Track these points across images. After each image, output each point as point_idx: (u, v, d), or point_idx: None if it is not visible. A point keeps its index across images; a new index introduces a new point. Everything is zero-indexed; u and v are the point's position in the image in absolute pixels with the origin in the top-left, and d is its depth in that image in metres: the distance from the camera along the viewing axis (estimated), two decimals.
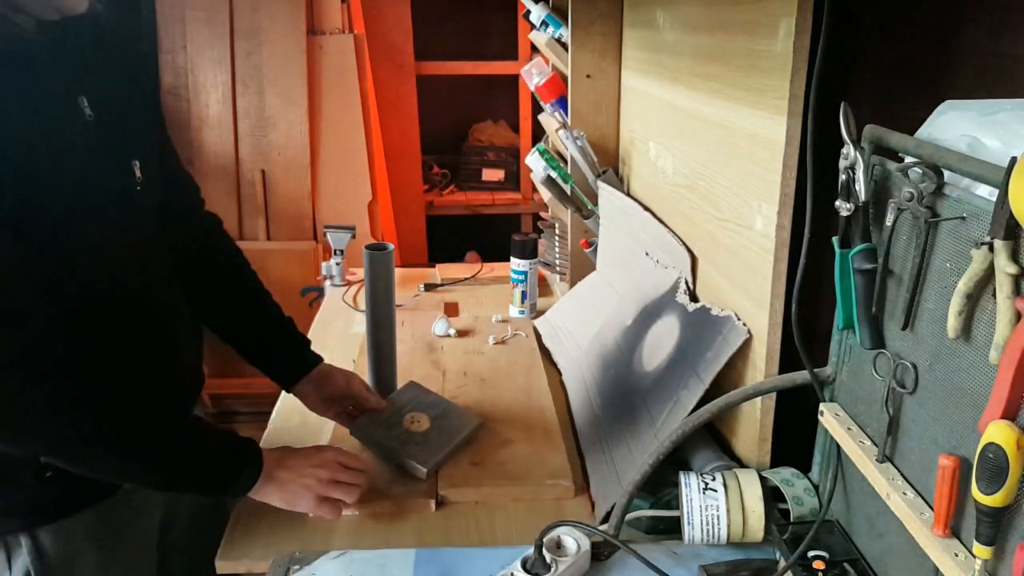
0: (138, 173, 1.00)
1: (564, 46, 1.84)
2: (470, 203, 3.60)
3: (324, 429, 1.35)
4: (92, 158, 0.92)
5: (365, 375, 1.42)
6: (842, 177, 0.82)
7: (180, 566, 1.20)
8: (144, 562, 1.11)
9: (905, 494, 0.77)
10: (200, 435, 1.00)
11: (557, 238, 1.99)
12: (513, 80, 3.48)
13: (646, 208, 1.51)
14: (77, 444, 0.90)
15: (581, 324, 1.65)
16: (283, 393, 1.48)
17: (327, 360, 1.31)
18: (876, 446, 0.83)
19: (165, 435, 0.96)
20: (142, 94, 1.06)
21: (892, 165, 0.78)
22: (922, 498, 0.76)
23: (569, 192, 1.79)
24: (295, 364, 1.25)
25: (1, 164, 0.81)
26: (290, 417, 1.41)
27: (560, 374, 1.58)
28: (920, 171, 0.72)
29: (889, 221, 0.77)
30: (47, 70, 0.88)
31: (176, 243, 1.12)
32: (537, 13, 1.94)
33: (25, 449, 0.91)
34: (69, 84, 0.91)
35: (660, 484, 1.08)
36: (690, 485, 1.01)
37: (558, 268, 1.99)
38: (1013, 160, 0.59)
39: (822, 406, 0.94)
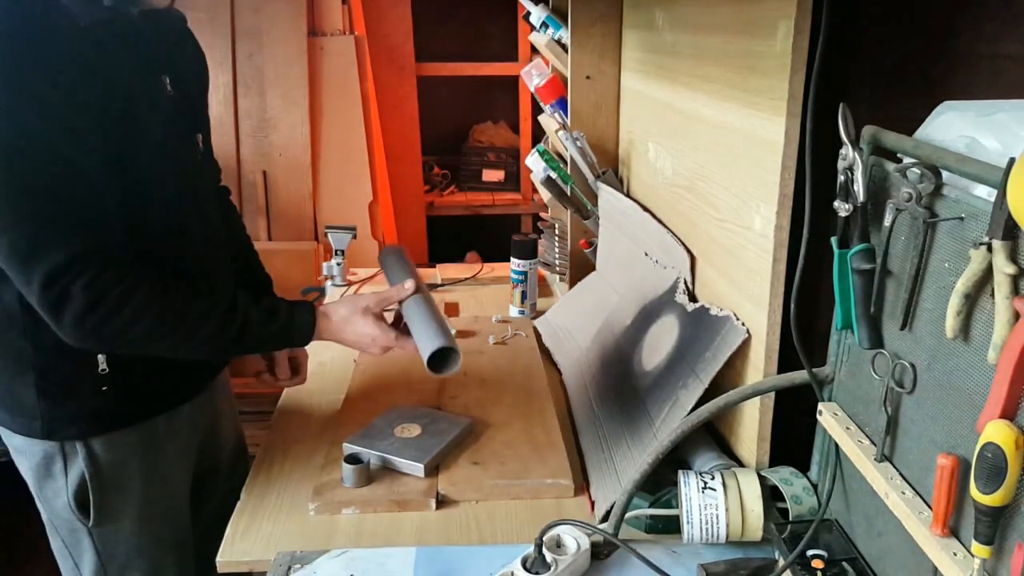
0: (200, 145, 1.19)
1: (564, 47, 1.85)
2: (470, 203, 3.60)
3: (324, 429, 1.36)
4: (170, 126, 1.09)
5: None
6: (841, 177, 0.82)
7: (212, 496, 1.32)
8: (181, 479, 1.24)
9: (904, 493, 0.77)
10: (253, 311, 1.10)
11: (557, 238, 1.99)
12: (513, 81, 3.48)
13: (645, 209, 1.51)
14: (164, 325, 1.03)
15: (581, 324, 1.65)
16: (283, 393, 1.49)
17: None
18: (875, 445, 0.84)
19: (232, 305, 1.09)
20: (200, 81, 1.24)
21: (891, 166, 0.79)
22: (921, 497, 0.76)
23: (569, 193, 1.79)
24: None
25: (110, 112, 0.99)
26: (291, 416, 1.41)
27: (560, 374, 1.58)
28: (919, 171, 0.72)
29: (888, 221, 0.78)
30: (142, 49, 1.06)
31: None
32: (537, 14, 1.94)
33: (125, 341, 1.03)
34: (157, 63, 1.09)
35: (659, 483, 1.08)
36: (689, 484, 1.01)
37: (558, 268, 1.99)
38: (1011, 161, 0.59)
39: (821, 406, 0.94)
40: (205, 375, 1.26)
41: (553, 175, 1.76)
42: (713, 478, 1.02)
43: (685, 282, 1.30)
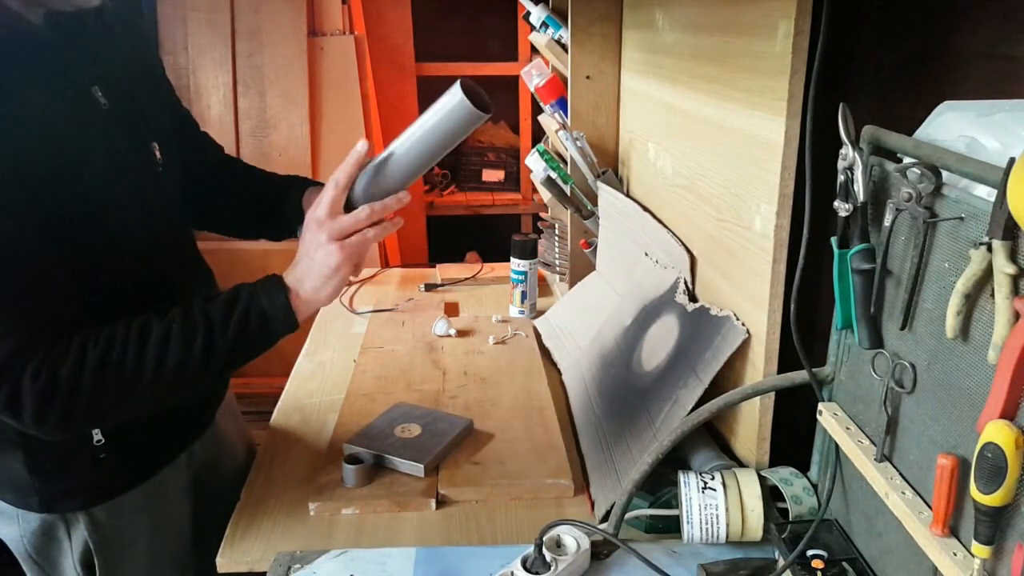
0: (158, 155, 1.02)
1: (564, 47, 1.85)
2: (470, 203, 3.60)
3: (324, 429, 1.36)
4: (114, 146, 0.94)
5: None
6: (841, 178, 0.82)
7: (210, 519, 1.21)
8: (183, 518, 1.18)
9: (904, 493, 0.77)
10: (237, 321, 0.95)
11: (557, 238, 1.99)
12: (513, 81, 3.48)
13: (645, 208, 1.51)
14: (128, 382, 0.90)
15: (581, 324, 1.65)
16: (283, 393, 1.49)
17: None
18: (875, 445, 0.84)
19: (187, 313, 0.93)
20: (149, 78, 1.08)
21: (891, 166, 0.79)
22: (921, 497, 0.76)
23: (569, 193, 1.79)
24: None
25: (34, 165, 0.82)
26: (291, 416, 1.41)
27: (560, 374, 1.58)
28: (919, 171, 0.72)
29: (888, 221, 0.78)
30: (59, 63, 0.89)
31: (205, 195, 1.20)
32: (537, 14, 1.94)
33: (98, 418, 0.94)
34: (81, 75, 0.92)
35: (659, 483, 1.08)
36: (689, 484, 1.01)
37: (558, 268, 1.99)
38: (1011, 161, 0.59)
39: (821, 406, 0.94)
40: (204, 418, 1.19)
41: (553, 175, 1.76)
42: (713, 478, 1.02)
43: (685, 282, 1.30)
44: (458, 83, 0.92)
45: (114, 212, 0.93)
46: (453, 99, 0.92)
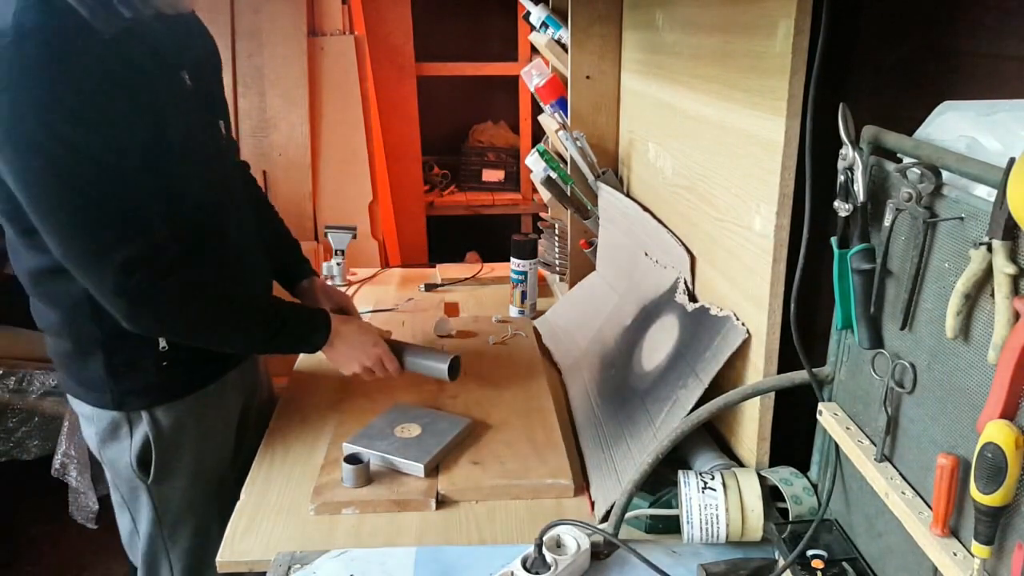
0: (222, 131, 1.31)
1: (564, 47, 1.85)
2: (470, 203, 3.60)
3: (324, 429, 1.36)
4: (193, 118, 1.20)
5: None
6: (841, 177, 0.82)
7: (247, 447, 1.41)
8: (226, 438, 1.38)
9: (904, 493, 0.77)
10: (286, 308, 1.29)
11: (557, 238, 1.99)
12: (513, 81, 3.48)
13: (645, 208, 1.51)
14: (202, 321, 1.19)
15: (581, 324, 1.65)
16: (283, 395, 1.49)
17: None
18: (875, 445, 0.84)
19: (262, 315, 1.24)
20: (216, 69, 1.34)
21: (891, 166, 0.79)
22: (921, 497, 0.76)
23: (569, 193, 1.79)
24: (299, 271, 1.55)
25: (137, 117, 1.07)
26: (291, 417, 1.41)
27: (560, 374, 1.58)
28: (919, 171, 0.72)
29: (888, 221, 0.78)
30: (161, 50, 1.14)
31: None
32: (537, 14, 1.94)
33: (165, 331, 1.19)
34: (174, 60, 1.18)
35: (659, 483, 1.08)
36: (689, 484, 1.01)
37: (558, 268, 1.99)
38: (1011, 161, 0.59)
39: (821, 406, 0.94)
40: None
41: (553, 175, 1.76)
42: (713, 478, 1.02)
43: (685, 282, 1.30)
44: (452, 360, 1.36)
45: (191, 173, 1.18)
46: (441, 369, 1.37)
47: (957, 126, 0.73)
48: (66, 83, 1.00)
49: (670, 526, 1.07)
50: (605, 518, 1.08)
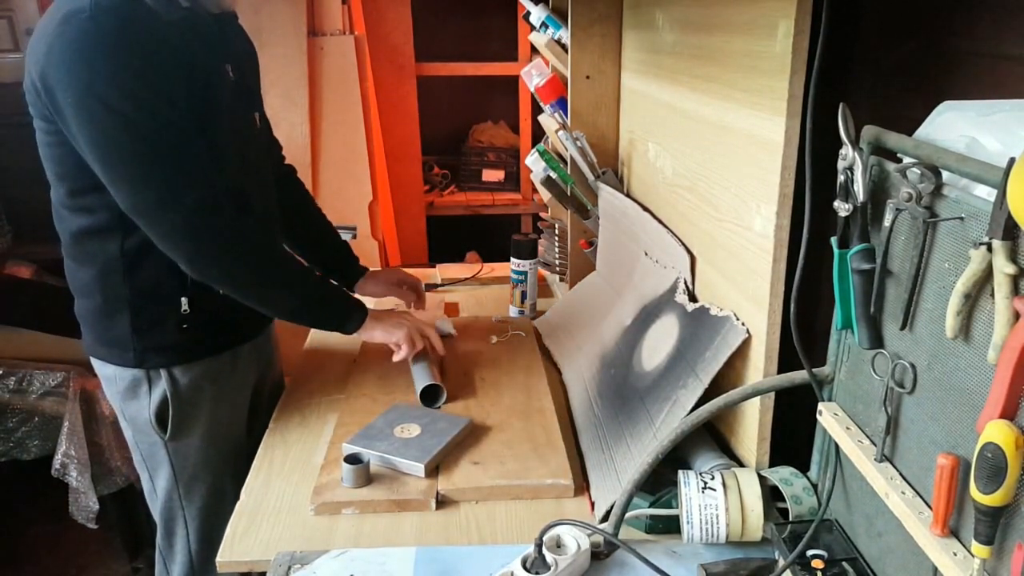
0: (257, 123, 1.42)
1: (564, 47, 1.85)
2: (470, 203, 3.60)
3: (324, 429, 1.36)
4: (233, 107, 1.30)
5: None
6: (841, 177, 0.82)
7: (260, 424, 1.47)
8: (240, 405, 1.47)
9: (904, 493, 0.77)
10: (328, 284, 1.40)
11: (557, 238, 1.99)
12: (513, 81, 3.48)
13: (645, 208, 1.51)
14: (257, 271, 1.29)
15: (581, 324, 1.65)
16: (283, 395, 1.49)
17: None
18: (875, 445, 0.84)
19: (305, 278, 1.35)
20: (255, 69, 1.45)
21: (891, 165, 0.79)
22: (921, 498, 0.76)
23: (569, 193, 1.79)
24: (355, 270, 1.68)
25: (194, 87, 1.19)
26: (291, 417, 1.41)
27: (560, 374, 1.58)
28: (919, 171, 0.72)
29: (888, 221, 0.78)
30: (210, 41, 1.26)
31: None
32: (537, 14, 1.94)
33: (223, 276, 1.27)
34: (222, 53, 1.29)
35: (659, 483, 1.08)
36: (689, 484, 1.01)
37: (558, 268, 1.99)
38: (1011, 160, 0.59)
39: (821, 405, 0.94)
40: (262, 322, 1.49)
41: (553, 175, 1.76)
42: (713, 478, 1.02)
43: (685, 282, 1.30)
44: (427, 387, 1.41)
45: (228, 147, 1.29)
46: (417, 388, 1.42)
47: (957, 126, 0.73)
48: (135, 53, 1.12)
49: (670, 526, 1.07)
50: (605, 518, 1.08)
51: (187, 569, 1.47)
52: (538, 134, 2.66)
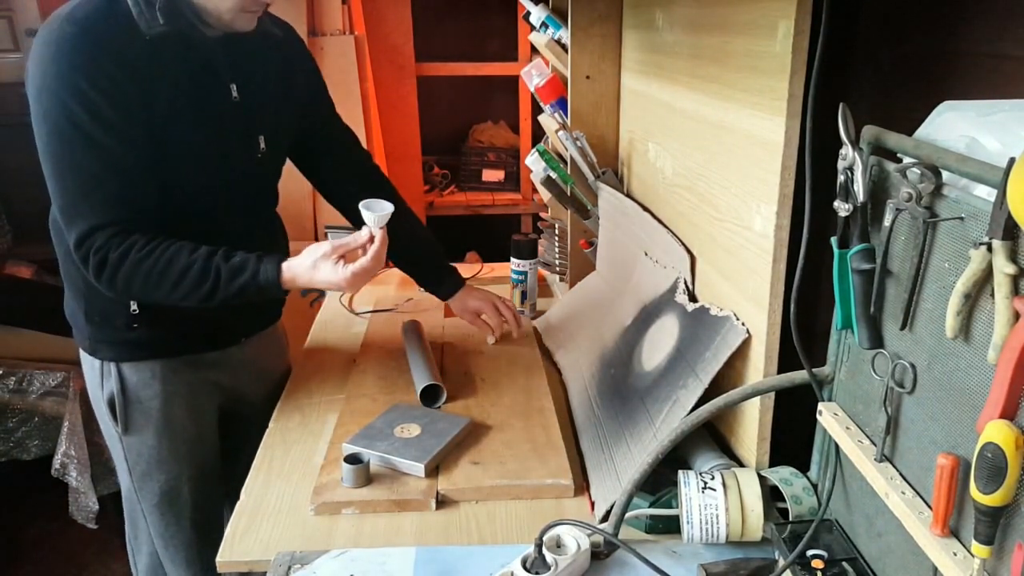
0: (262, 145, 1.35)
1: (564, 47, 1.85)
2: (470, 203, 3.60)
3: (324, 429, 1.36)
4: (228, 128, 1.29)
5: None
6: (841, 177, 0.82)
7: (246, 427, 1.48)
8: (201, 408, 1.44)
9: (904, 493, 0.77)
10: (220, 260, 1.24)
11: (557, 238, 1.99)
12: (513, 81, 3.48)
13: (645, 208, 1.51)
14: (152, 281, 1.21)
15: (581, 324, 1.65)
16: (283, 395, 1.49)
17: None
18: (875, 445, 0.84)
19: (198, 270, 1.23)
20: (291, 92, 1.40)
21: (891, 165, 0.79)
22: (921, 497, 0.76)
23: (569, 193, 1.79)
24: (451, 283, 1.66)
25: (153, 113, 1.18)
26: (291, 417, 1.41)
27: (560, 374, 1.58)
28: (919, 171, 0.72)
29: (887, 221, 0.78)
30: (212, 60, 1.25)
31: (344, 176, 1.58)
32: (537, 15, 1.94)
33: (131, 292, 1.24)
34: (224, 72, 1.27)
35: (659, 483, 1.08)
36: (689, 484, 1.01)
37: (558, 268, 1.99)
38: (1011, 161, 0.59)
39: (821, 405, 0.94)
40: (234, 333, 1.46)
41: (553, 175, 1.76)
42: (713, 478, 1.02)
43: (685, 282, 1.30)
44: (427, 387, 1.40)
45: (198, 170, 1.27)
46: (417, 387, 1.41)
47: (957, 126, 0.73)
48: (94, 69, 1.12)
49: (670, 526, 1.07)
50: (605, 518, 1.08)
51: (152, 560, 1.50)
52: (538, 134, 2.66)
